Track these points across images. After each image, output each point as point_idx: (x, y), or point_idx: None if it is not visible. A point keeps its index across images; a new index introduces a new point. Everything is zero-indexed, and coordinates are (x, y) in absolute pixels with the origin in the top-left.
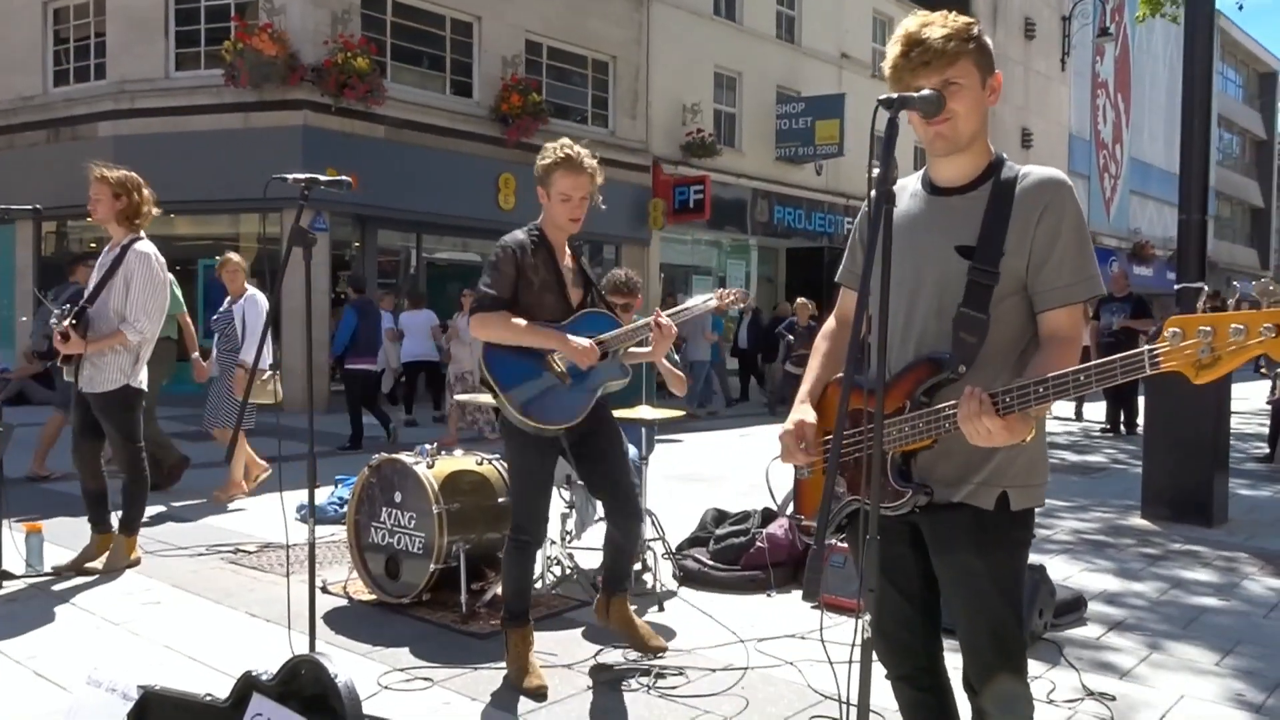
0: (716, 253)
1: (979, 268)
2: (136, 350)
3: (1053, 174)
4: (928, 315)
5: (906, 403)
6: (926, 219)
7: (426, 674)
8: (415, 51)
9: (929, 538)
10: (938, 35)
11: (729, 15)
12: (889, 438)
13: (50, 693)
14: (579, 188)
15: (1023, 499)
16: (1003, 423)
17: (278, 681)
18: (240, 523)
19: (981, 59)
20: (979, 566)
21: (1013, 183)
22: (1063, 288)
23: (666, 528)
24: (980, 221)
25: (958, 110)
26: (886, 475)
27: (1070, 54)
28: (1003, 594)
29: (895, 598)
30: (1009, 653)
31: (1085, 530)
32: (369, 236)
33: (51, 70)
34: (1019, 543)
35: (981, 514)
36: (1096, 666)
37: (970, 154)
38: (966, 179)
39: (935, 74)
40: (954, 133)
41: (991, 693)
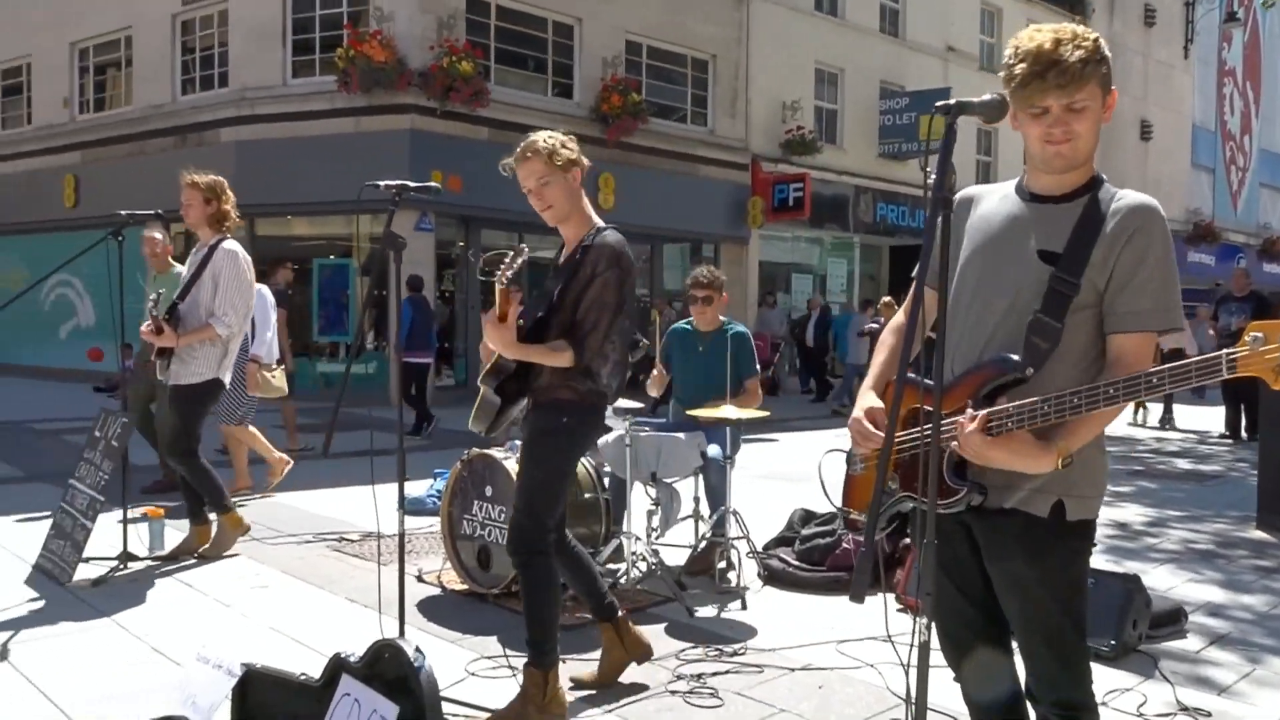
0: (818, 251)
1: (1061, 276)
2: (225, 345)
3: (1148, 200)
4: (1001, 314)
5: (969, 402)
6: (1014, 222)
7: (513, 662)
8: (518, 54)
9: (982, 543)
10: (1075, 59)
11: (830, 10)
12: (948, 436)
13: (165, 666)
14: (527, 177)
15: (1079, 509)
16: (991, 441)
17: (364, 664)
18: (346, 512)
19: (1105, 79)
20: (1031, 574)
21: (1108, 201)
22: (1140, 313)
23: (754, 527)
24: (1069, 231)
25: (1080, 131)
26: (944, 472)
27: (1194, 41)
28: (1058, 602)
29: (957, 598)
30: (1068, 661)
31: (1195, 540)
32: (472, 236)
33: (179, 79)
34: (1075, 551)
35: (1034, 521)
36: (1194, 681)
37: (1080, 169)
38: (1065, 190)
39: (1066, 96)
40: (1073, 152)
41: (1053, 702)
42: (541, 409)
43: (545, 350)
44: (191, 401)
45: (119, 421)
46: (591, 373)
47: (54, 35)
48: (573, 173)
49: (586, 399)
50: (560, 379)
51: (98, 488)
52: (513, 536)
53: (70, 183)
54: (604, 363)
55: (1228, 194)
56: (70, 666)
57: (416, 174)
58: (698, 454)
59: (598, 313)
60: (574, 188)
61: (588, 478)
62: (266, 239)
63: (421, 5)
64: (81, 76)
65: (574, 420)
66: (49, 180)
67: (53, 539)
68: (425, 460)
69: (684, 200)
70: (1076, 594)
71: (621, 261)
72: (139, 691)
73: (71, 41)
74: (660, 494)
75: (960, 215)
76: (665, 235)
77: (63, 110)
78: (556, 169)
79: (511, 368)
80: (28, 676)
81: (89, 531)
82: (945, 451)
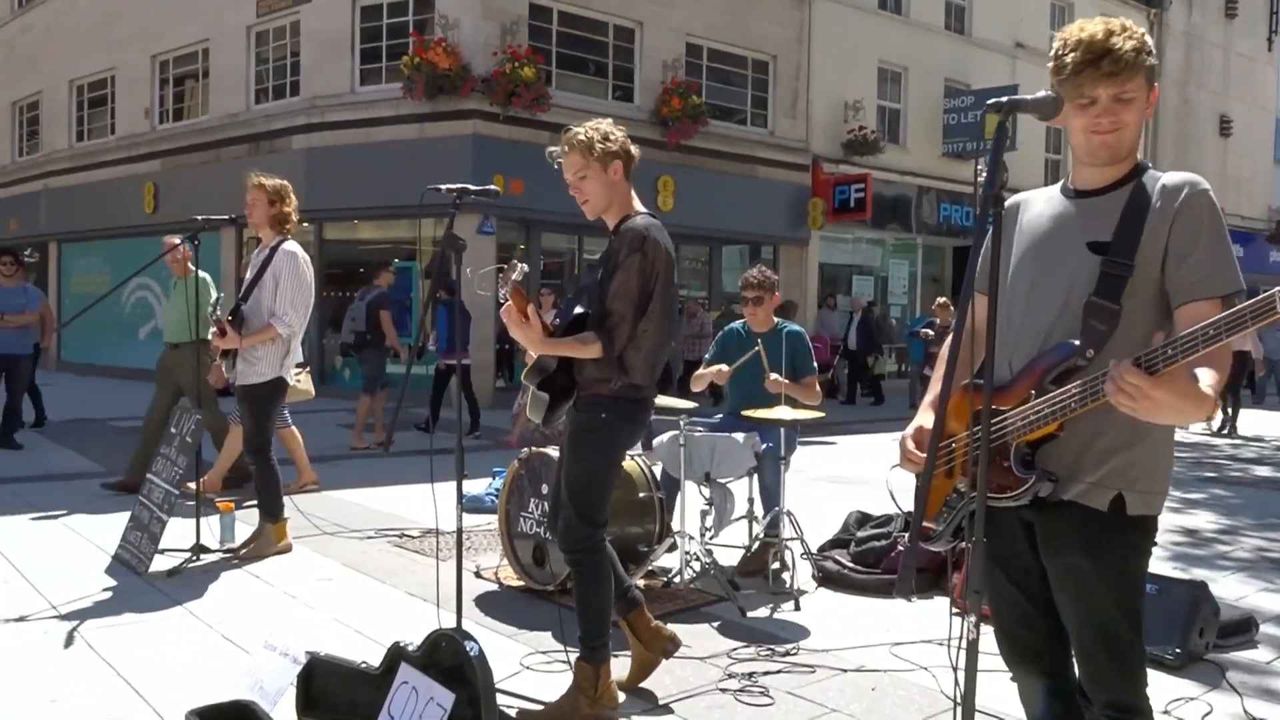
0: (880, 252)
1: (1114, 260)
2: (286, 344)
3: (1192, 176)
4: (1058, 311)
5: (1032, 393)
6: (1061, 221)
7: (566, 657)
8: (579, 59)
9: (1040, 537)
10: (1129, 48)
11: (894, 8)
12: (1012, 427)
13: (234, 654)
14: (568, 169)
15: (1141, 504)
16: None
17: (421, 653)
18: (406, 509)
19: (1151, 73)
20: (1088, 568)
21: (1152, 184)
22: (1202, 280)
23: (810, 529)
24: (1117, 218)
25: (1128, 121)
26: (1010, 464)
27: (1278, 32)
28: (1115, 599)
29: (1015, 595)
30: (1123, 661)
31: (1269, 549)
32: (533, 239)
33: (253, 89)
34: (1135, 548)
35: (1092, 514)
36: (1263, 693)
37: (1124, 161)
38: (1108, 181)
39: (1116, 86)
40: (1119, 143)
41: (1106, 703)
42: (582, 405)
43: (574, 343)
44: (258, 401)
45: (193, 418)
46: (624, 365)
47: (137, 49)
48: (613, 166)
49: (621, 393)
50: (598, 373)
51: (173, 482)
52: (563, 534)
53: (150, 190)
54: (636, 353)
55: None
56: (147, 652)
57: (479, 178)
58: (752, 454)
59: (622, 302)
60: (613, 180)
61: (642, 477)
62: (334, 243)
63: (485, 12)
64: (162, 88)
65: (611, 416)
66: (130, 188)
67: (131, 530)
68: (485, 459)
69: (743, 202)
70: (1133, 591)
71: (645, 246)
72: (211, 676)
73: (153, 54)
74: (714, 494)
75: (1009, 222)
76: (725, 237)
77: (144, 120)
78: (594, 161)
79: (552, 364)
80: (108, 660)
81: (165, 524)
82: (1013, 444)
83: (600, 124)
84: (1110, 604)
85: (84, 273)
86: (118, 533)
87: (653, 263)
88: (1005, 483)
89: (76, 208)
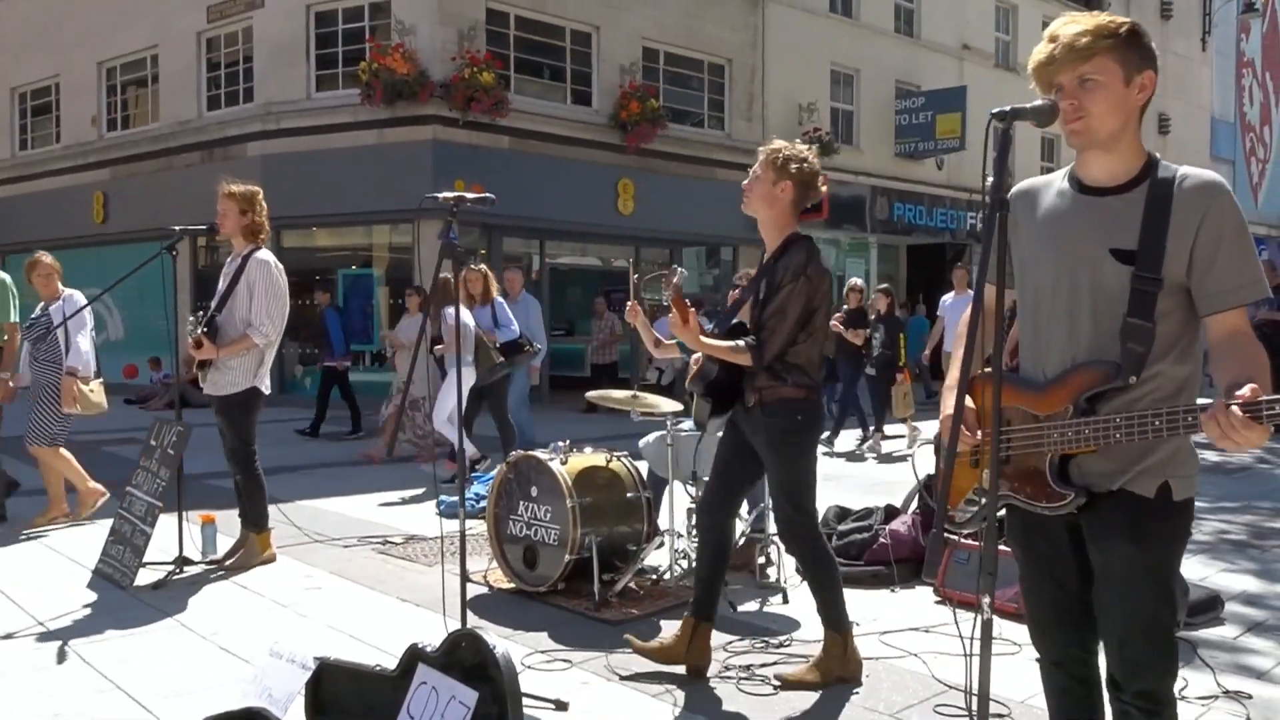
0: (835, 251)
1: (1143, 275)
2: (260, 354)
3: (1212, 177)
4: (1088, 317)
5: (1069, 406)
6: (1077, 218)
7: (565, 656)
8: (537, 63)
9: (1086, 527)
10: (1074, 31)
11: (845, 12)
12: (1052, 440)
13: (233, 664)
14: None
15: (1184, 488)
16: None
17: (441, 653)
18: (386, 516)
19: (1125, 55)
20: (1135, 554)
21: (1170, 184)
22: (1231, 291)
23: None
24: (1139, 225)
25: (1090, 108)
26: (1047, 475)
27: (1211, 33)
28: (1157, 587)
29: (1053, 589)
30: (1160, 649)
31: (1226, 531)
32: (495, 244)
33: (205, 95)
34: (1179, 533)
35: (1141, 501)
36: (1232, 667)
37: (1119, 153)
38: (1119, 179)
39: (1070, 70)
40: (1087, 129)
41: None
42: (771, 411)
43: (727, 348)
44: (235, 411)
45: (174, 430)
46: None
47: (82, 55)
48: (782, 184)
49: (811, 394)
50: (774, 379)
51: (155, 494)
52: (790, 535)
53: (99, 199)
54: (809, 364)
55: (1248, 186)
56: (143, 664)
57: (439, 183)
58: None
59: (778, 320)
60: (775, 195)
61: (630, 477)
62: (292, 251)
63: (442, 18)
64: (109, 95)
65: (805, 416)
66: (78, 197)
67: (112, 544)
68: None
69: (703, 204)
70: (1173, 580)
71: (808, 271)
72: (212, 686)
73: (99, 61)
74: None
75: (1019, 208)
76: (685, 239)
77: (91, 128)
78: (769, 172)
79: (714, 372)
80: (105, 674)
81: (148, 536)
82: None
83: (801, 148)
84: (1152, 592)
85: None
86: (93, 547)
87: (816, 287)
88: (1042, 494)
89: (21, 218)
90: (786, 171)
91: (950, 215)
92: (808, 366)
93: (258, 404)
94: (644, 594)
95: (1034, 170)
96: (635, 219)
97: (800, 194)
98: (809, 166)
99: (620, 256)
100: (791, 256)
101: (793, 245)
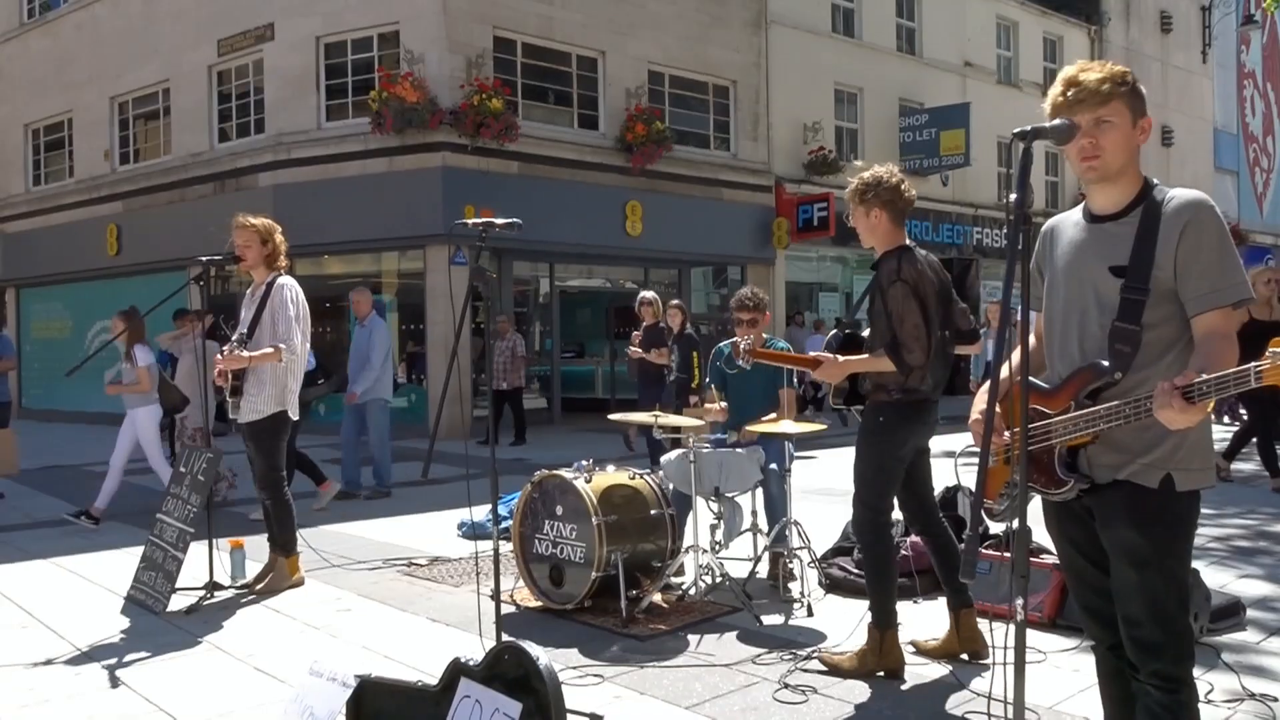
0: (842, 269)
1: (1131, 285)
2: (284, 379)
3: (1195, 195)
4: (1092, 330)
5: (1071, 404)
6: (1086, 246)
7: (597, 671)
8: (544, 89)
9: (1095, 514)
10: (1094, 78)
11: (847, 32)
12: (1057, 433)
13: (271, 685)
14: None
15: (1188, 480)
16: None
17: (483, 667)
18: (407, 538)
19: (1134, 102)
20: (1138, 540)
21: (1159, 205)
22: (1209, 293)
23: (809, 539)
24: (1132, 243)
25: (1105, 146)
26: (1055, 465)
27: (1211, 45)
28: (1163, 573)
29: (1090, 570)
30: (1170, 631)
31: (1235, 538)
32: (504, 267)
33: (217, 128)
34: (1182, 521)
35: (1142, 491)
36: (1256, 671)
37: (1120, 184)
38: (1118, 206)
39: (1089, 111)
40: (1103, 165)
41: (1153, 672)
42: (864, 413)
43: (869, 360)
44: (264, 437)
45: (204, 457)
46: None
47: (94, 91)
48: (874, 213)
49: (903, 398)
50: (876, 385)
51: (186, 520)
52: (855, 524)
53: (112, 232)
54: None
55: (1253, 196)
56: (184, 687)
57: (450, 209)
58: (757, 468)
59: (894, 324)
60: (873, 224)
61: (653, 495)
62: (303, 279)
63: (450, 46)
64: (122, 129)
65: (889, 418)
66: (92, 230)
67: (143, 571)
68: (481, 488)
69: (709, 224)
70: (1180, 564)
71: (903, 273)
72: (253, 706)
73: (111, 95)
74: (723, 508)
75: (1047, 245)
76: (693, 259)
77: (104, 162)
78: (861, 209)
79: (846, 386)
80: (147, 697)
81: (180, 562)
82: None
83: (878, 171)
84: (1158, 576)
85: (44, 318)
86: (121, 574)
87: (915, 286)
88: (1052, 481)
89: (35, 252)
90: (875, 201)
91: (956, 230)
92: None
93: (285, 429)
94: (670, 610)
95: (1040, 182)
96: (643, 240)
97: (894, 212)
98: (886, 184)
99: (629, 278)
100: (885, 266)
101: (889, 254)
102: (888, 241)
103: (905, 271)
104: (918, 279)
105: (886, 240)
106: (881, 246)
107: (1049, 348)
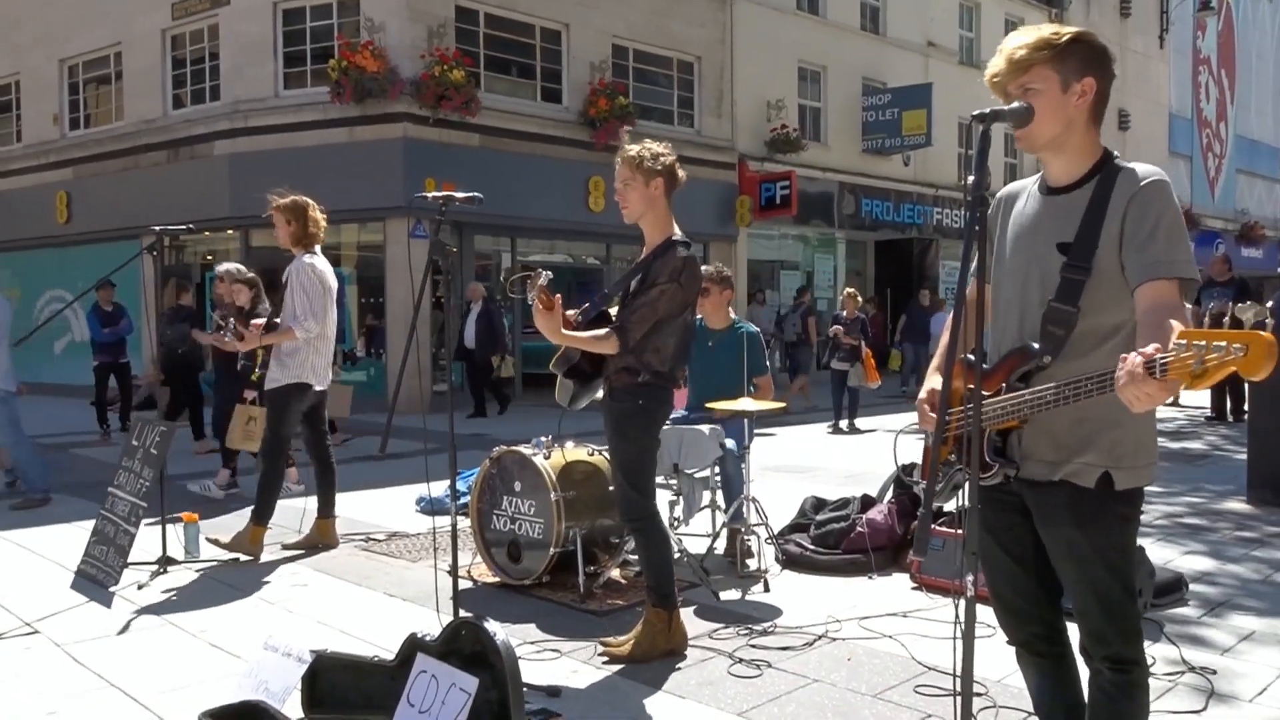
0: (803, 247)
1: (1072, 264)
2: (307, 355)
3: (1149, 169)
4: (1035, 305)
5: (1003, 386)
6: (1036, 218)
7: (554, 646)
8: (506, 61)
9: (1033, 511)
10: (1013, 45)
11: (811, 9)
12: (987, 416)
13: (224, 659)
14: (617, 177)
15: (1128, 479)
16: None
17: (440, 642)
18: (367, 513)
19: (1062, 65)
20: (1079, 538)
21: (1113, 178)
22: (1156, 263)
23: (768, 515)
24: (1080, 218)
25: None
26: (982, 450)
27: (1169, 30)
28: (1107, 566)
29: (1008, 564)
30: (1118, 618)
31: (1183, 515)
32: (465, 241)
33: (171, 94)
34: (1122, 518)
35: (1081, 491)
36: (1196, 644)
37: (1070, 155)
38: (1072, 178)
39: (1013, 80)
40: (1028, 135)
41: (1105, 657)
42: (618, 396)
43: (590, 338)
44: (274, 404)
45: (157, 429)
46: (643, 361)
47: (43, 53)
48: (654, 182)
49: (654, 382)
50: (625, 367)
51: (139, 494)
52: (623, 509)
53: (62, 199)
54: (656, 355)
55: (1205, 181)
56: (135, 662)
57: (410, 181)
58: (717, 445)
59: (646, 313)
60: (652, 195)
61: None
62: (262, 250)
63: (411, 15)
64: (72, 93)
65: (647, 402)
66: (41, 197)
67: (95, 545)
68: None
69: (673, 200)
70: (1124, 557)
71: (681, 278)
72: (206, 680)
73: (61, 59)
74: (682, 484)
75: (999, 213)
76: None
77: (53, 127)
78: (639, 175)
79: (576, 356)
80: (98, 672)
81: (133, 537)
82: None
83: (653, 145)
84: (1102, 569)
85: None
86: (71, 548)
87: (686, 292)
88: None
89: None
90: (650, 171)
91: (917, 210)
92: (648, 359)
93: (294, 400)
94: (628, 585)
95: (999, 164)
96: (606, 216)
97: (670, 186)
98: (668, 157)
99: (592, 254)
100: (669, 260)
101: (672, 248)
102: (663, 220)
103: (684, 276)
104: (693, 287)
105: (663, 218)
106: (656, 224)
107: (993, 325)
